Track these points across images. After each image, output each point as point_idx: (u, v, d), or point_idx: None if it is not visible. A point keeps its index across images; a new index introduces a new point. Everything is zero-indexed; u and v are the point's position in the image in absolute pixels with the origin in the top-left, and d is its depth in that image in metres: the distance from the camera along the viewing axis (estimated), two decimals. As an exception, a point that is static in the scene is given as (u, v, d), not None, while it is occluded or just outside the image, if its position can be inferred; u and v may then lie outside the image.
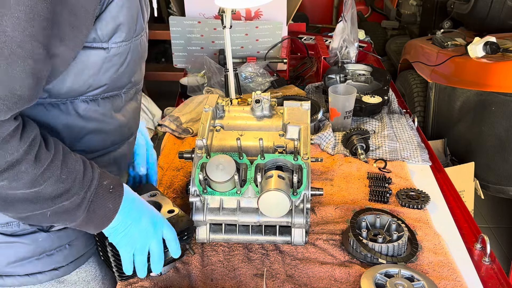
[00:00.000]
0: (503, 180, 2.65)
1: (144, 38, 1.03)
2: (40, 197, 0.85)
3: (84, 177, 0.90)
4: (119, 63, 0.96)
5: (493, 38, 2.62)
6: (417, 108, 3.19)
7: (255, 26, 2.29)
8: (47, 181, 0.84)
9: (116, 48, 0.93)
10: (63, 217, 0.90)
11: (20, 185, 0.82)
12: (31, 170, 0.82)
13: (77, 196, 0.89)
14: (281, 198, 1.05)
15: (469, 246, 1.28)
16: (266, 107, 1.28)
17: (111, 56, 0.93)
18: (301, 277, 1.15)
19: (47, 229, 1.03)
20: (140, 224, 0.99)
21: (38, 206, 0.86)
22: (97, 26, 0.88)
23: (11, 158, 0.79)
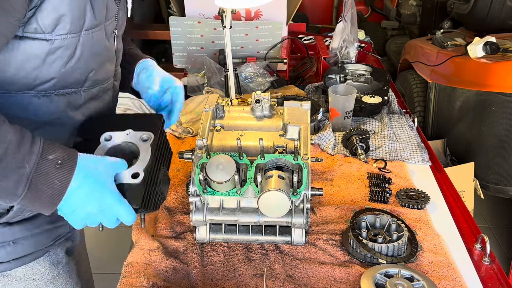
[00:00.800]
0: (503, 180, 2.65)
1: (99, 34, 0.99)
2: None
3: (19, 148, 0.83)
4: (66, 56, 0.94)
5: (493, 38, 2.62)
6: (417, 108, 3.19)
7: (255, 26, 2.29)
8: None
9: (60, 40, 0.90)
10: (2, 195, 0.84)
11: None
12: None
13: (12, 172, 0.82)
14: (281, 198, 1.05)
15: (469, 246, 1.28)
16: (266, 107, 1.28)
17: (55, 48, 0.91)
18: (301, 277, 1.15)
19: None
20: (86, 209, 0.92)
21: None
22: (38, 15, 0.86)
23: None
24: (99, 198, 0.91)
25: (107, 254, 2.68)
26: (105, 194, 0.92)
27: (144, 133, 1.02)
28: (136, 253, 1.21)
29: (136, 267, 1.17)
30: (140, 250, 1.22)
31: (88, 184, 0.90)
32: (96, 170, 0.91)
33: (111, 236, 2.76)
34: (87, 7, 0.93)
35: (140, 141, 1.01)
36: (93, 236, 2.76)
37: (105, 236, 2.71)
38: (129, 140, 1.02)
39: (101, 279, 2.31)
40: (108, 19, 1.02)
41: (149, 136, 1.02)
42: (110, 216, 0.94)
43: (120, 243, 2.66)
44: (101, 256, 2.63)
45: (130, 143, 1.02)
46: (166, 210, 1.37)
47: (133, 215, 0.95)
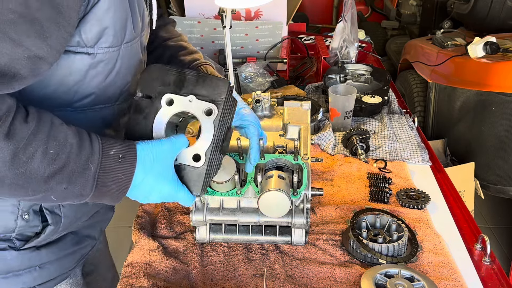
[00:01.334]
0: (503, 180, 2.65)
1: (136, 46, 0.97)
2: (29, 179, 0.76)
3: (80, 151, 0.80)
4: (107, 70, 0.92)
5: (493, 38, 2.62)
6: (417, 108, 3.19)
7: (255, 26, 2.28)
8: (32, 158, 0.75)
9: (102, 54, 0.89)
10: (69, 198, 0.82)
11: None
12: (5, 146, 0.73)
13: (78, 175, 0.80)
14: (281, 198, 1.05)
15: (469, 246, 1.28)
16: (266, 107, 1.28)
17: (96, 62, 0.89)
18: (301, 277, 1.15)
19: (19, 247, 0.99)
20: (148, 199, 0.92)
21: (31, 191, 0.78)
22: (81, 28, 0.84)
23: None
24: (161, 190, 0.90)
25: (107, 254, 2.67)
26: (165, 186, 0.90)
27: (208, 105, 0.93)
28: (136, 253, 1.21)
29: (136, 267, 1.17)
30: (140, 250, 1.21)
31: (150, 178, 0.88)
32: (156, 161, 0.88)
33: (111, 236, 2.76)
34: (128, 18, 0.91)
35: (203, 114, 0.93)
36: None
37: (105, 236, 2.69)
38: (191, 110, 0.94)
39: (101, 279, 2.31)
40: (142, 30, 0.99)
41: (213, 110, 0.93)
42: (170, 200, 0.94)
43: (120, 243, 2.66)
44: (101, 256, 2.62)
45: (192, 115, 0.95)
46: (166, 210, 1.37)
47: (192, 200, 0.94)
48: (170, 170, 0.91)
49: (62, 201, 0.84)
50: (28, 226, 0.98)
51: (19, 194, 0.79)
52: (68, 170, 0.79)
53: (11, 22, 0.71)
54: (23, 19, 0.72)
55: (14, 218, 0.96)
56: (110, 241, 1.54)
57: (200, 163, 0.92)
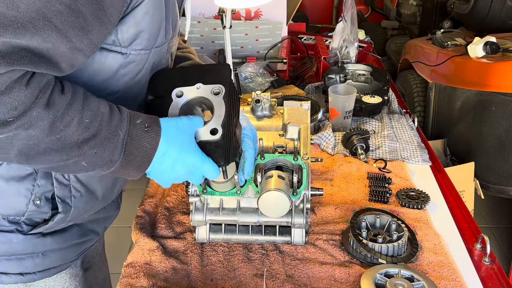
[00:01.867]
0: (503, 180, 2.65)
1: (165, 51, 1.01)
2: (64, 144, 0.81)
3: (111, 118, 0.85)
4: (136, 71, 0.95)
5: (493, 38, 2.62)
6: (417, 108, 3.19)
7: (255, 26, 2.28)
8: (68, 126, 0.80)
9: (134, 55, 0.92)
10: (99, 164, 0.86)
11: (37, 132, 0.77)
12: (45, 115, 0.77)
13: (108, 141, 0.84)
14: (281, 198, 1.05)
15: (469, 246, 1.28)
16: (266, 107, 1.28)
17: (127, 62, 0.92)
18: (301, 277, 1.15)
19: (26, 231, 1.01)
20: (174, 172, 0.94)
21: (65, 155, 0.82)
22: (119, 28, 0.87)
23: (19, 104, 0.75)
24: (185, 160, 0.93)
25: (107, 254, 2.67)
26: (190, 156, 0.93)
27: (215, 86, 1.00)
28: (136, 253, 1.21)
29: (136, 267, 1.17)
30: (140, 250, 1.21)
31: (174, 149, 0.92)
32: (178, 133, 0.92)
33: (111, 236, 2.76)
34: (162, 25, 0.94)
35: (212, 95, 1.00)
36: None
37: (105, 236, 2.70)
38: (200, 94, 1.00)
39: (101, 279, 2.31)
40: (173, 37, 1.03)
41: (221, 89, 1.00)
42: (196, 175, 0.97)
43: (120, 243, 2.66)
44: (101, 256, 2.62)
45: (202, 97, 1.00)
46: (166, 210, 1.37)
47: (218, 171, 0.98)
48: (192, 142, 0.95)
49: (91, 169, 0.87)
50: (38, 211, 1.00)
51: (53, 160, 0.82)
52: (100, 137, 0.84)
53: (58, 12, 0.75)
54: (69, 10, 0.75)
55: (26, 202, 0.98)
56: (110, 241, 1.54)
57: (218, 136, 0.96)
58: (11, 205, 0.98)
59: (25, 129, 0.77)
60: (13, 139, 0.77)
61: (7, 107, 0.74)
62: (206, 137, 0.96)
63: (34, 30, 0.73)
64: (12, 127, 0.76)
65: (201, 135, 0.97)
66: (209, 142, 0.96)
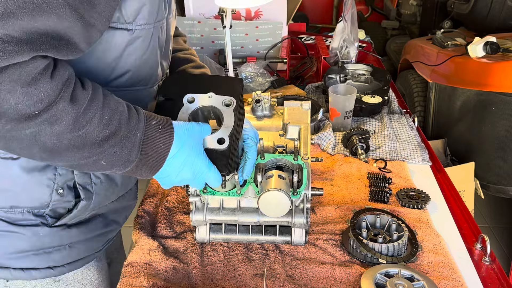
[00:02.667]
0: (503, 180, 2.65)
1: (165, 27, 1.02)
2: (86, 141, 0.82)
3: (129, 118, 0.87)
4: (143, 48, 0.96)
5: (493, 38, 2.62)
6: (417, 108, 3.19)
7: (255, 26, 2.29)
8: (90, 123, 0.81)
9: (139, 30, 0.93)
10: (117, 163, 0.87)
11: (62, 128, 0.78)
12: (70, 109, 0.78)
13: (126, 140, 0.86)
14: (281, 198, 1.05)
15: (469, 246, 1.28)
16: (266, 107, 1.28)
17: (134, 38, 0.93)
18: (301, 277, 1.15)
19: (51, 224, 1.02)
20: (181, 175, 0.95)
21: (87, 152, 0.83)
22: (122, 4, 0.88)
23: (45, 96, 0.75)
24: (193, 164, 0.95)
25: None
26: (198, 161, 0.96)
27: (227, 98, 1.04)
28: (136, 253, 1.21)
29: (136, 267, 1.17)
30: (140, 250, 1.21)
31: (184, 151, 0.93)
32: (189, 137, 0.94)
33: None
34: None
35: (223, 106, 1.03)
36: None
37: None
38: (212, 103, 1.04)
39: (101, 279, 2.31)
40: (169, 13, 1.04)
41: (232, 101, 1.03)
42: (200, 180, 0.99)
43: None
44: (101, 256, 2.63)
45: (212, 106, 1.04)
46: (166, 210, 1.37)
47: (220, 180, 1.01)
48: (201, 147, 0.97)
49: (110, 168, 0.88)
50: (62, 201, 1.01)
51: (74, 157, 0.83)
52: (119, 135, 0.85)
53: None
54: None
55: (49, 192, 0.99)
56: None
57: (225, 145, 0.98)
58: (35, 196, 0.99)
59: (50, 124, 0.77)
60: (38, 134, 0.77)
61: (34, 99, 0.74)
62: (213, 145, 0.99)
63: (49, 9, 0.72)
64: (38, 121, 0.76)
65: (207, 142, 0.99)
66: (215, 150, 0.99)
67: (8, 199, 0.97)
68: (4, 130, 0.75)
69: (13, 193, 0.98)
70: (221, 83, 1.10)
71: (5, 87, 0.71)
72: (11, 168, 0.96)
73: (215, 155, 0.99)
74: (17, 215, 0.98)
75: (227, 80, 1.12)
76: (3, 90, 0.71)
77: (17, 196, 0.98)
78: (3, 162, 0.95)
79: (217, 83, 1.09)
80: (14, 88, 0.72)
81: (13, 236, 0.99)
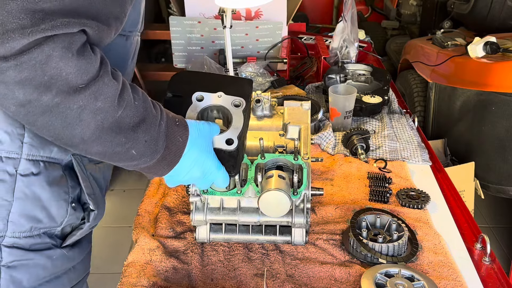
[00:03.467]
0: (503, 180, 2.65)
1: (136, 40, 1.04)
2: (122, 125, 0.81)
3: (153, 107, 0.87)
4: (129, 53, 0.98)
5: (493, 38, 2.62)
6: (417, 108, 3.19)
7: (255, 26, 2.29)
8: (126, 105, 0.81)
9: (132, 36, 0.96)
10: (146, 153, 0.86)
11: (105, 105, 0.78)
12: (112, 84, 0.79)
13: (154, 128, 0.86)
14: (281, 198, 1.05)
15: (469, 246, 1.28)
16: (267, 107, 1.28)
17: (128, 44, 0.96)
18: (301, 277, 1.15)
19: (59, 245, 0.98)
20: (190, 173, 0.95)
21: (123, 138, 0.82)
22: None
23: (91, 68, 0.76)
24: (203, 163, 0.95)
25: (107, 254, 2.68)
26: (208, 160, 0.96)
27: (236, 98, 1.04)
28: (136, 253, 1.21)
29: (136, 267, 1.17)
30: (140, 250, 1.21)
31: (195, 150, 0.93)
32: (200, 136, 0.95)
33: (111, 236, 2.77)
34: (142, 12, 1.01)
35: (232, 106, 1.03)
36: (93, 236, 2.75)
37: (105, 236, 2.72)
38: (221, 103, 1.04)
39: (101, 279, 2.31)
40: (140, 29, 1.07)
41: (241, 102, 1.04)
42: (208, 180, 0.99)
43: (120, 243, 2.66)
44: (101, 256, 2.63)
45: (222, 106, 1.04)
46: (166, 210, 1.37)
47: (228, 181, 1.01)
48: (210, 147, 0.97)
49: (138, 158, 0.87)
50: (74, 216, 0.98)
51: (112, 142, 0.82)
52: (148, 122, 0.85)
53: None
54: None
55: (66, 206, 0.96)
56: (110, 241, 1.54)
57: (233, 146, 0.99)
58: (54, 213, 0.94)
59: (95, 99, 0.77)
60: (82, 112, 0.76)
61: (82, 69, 0.74)
62: (221, 145, 0.99)
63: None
64: (85, 94, 0.75)
65: (216, 142, 0.99)
66: (223, 150, 0.99)
67: (29, 220, 0.91)
68: (53, 103, 0.74)
69: (35, 213, 0.92)
70: (231, 83, 1.09)
71: (57, 53, 0.71)
72: (34, 185, 0.91)
73: (223, 155, 0.99)
74: (35, 239, 0.93)
75: (237, 81, 1.10)
76: (55, 56, 0.71)
77: (38, 214, 0.93)
78: (25, 180, 0.90)
79: (226, 83, 1.08)
80: (66, 55, 0.72)
81: (30, 264, 0.93)
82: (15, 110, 0.75)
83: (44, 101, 0.73)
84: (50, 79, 0.72)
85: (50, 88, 0.73)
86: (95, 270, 1.46)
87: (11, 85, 0.71)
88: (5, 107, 0.75)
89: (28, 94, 0.72)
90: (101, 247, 2.74)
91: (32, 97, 0.73)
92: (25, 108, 0.74)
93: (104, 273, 2.42)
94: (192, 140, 0.93)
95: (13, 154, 0.87)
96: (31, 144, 0.89)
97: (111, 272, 2.34)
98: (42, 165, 0.91)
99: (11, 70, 0.70)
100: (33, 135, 0.89)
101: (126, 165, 0.89)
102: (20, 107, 0.74)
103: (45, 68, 0.71)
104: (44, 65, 0.71)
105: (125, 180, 3.36)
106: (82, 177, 0.98)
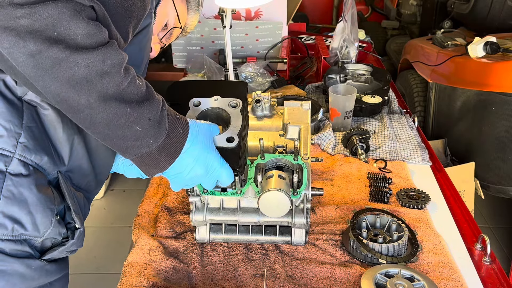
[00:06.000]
0: (503, 180, 2.64)
1: None
2: (126, 97, 0.83)
3: (156, 95, 0.89)
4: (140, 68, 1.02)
5: (493, 38, 2.62)
6: (417, 108, 3.19)
7: (255, 26, 2.29)
8: (129, 79, 0.83)
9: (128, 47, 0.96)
10: (149, 132, 0.87)
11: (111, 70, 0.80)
12: (119, 54, 0.81)
13: (157, 110, 0.87)
14: (281, 198, 1.05)
15: (469, 246, 1.28)
16: (267, 107, 1.28)
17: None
18: (301, 277, 1.15)
19: (39, 256, 0.94)
20: (193, 171, 0.96)
21: (129, 109, 0.83)
22: None
23: (99, 33, 0.79)
24: (206, 160, 0.96)
25: (107, 254, 2.68)
26: (211, 157, 0.97)
27: (233, 99, 1.08)
28: (136, 253, 1.21)
29: (136, 267, 1.17)
30: (140, 250, 1.21)
31: (197, 147, 0.94)
32: (200, 134, 0.96)
33: (111, 236, 2.76)
34: None
35: (229, 107, 1.07)
36: (93, 236, 2.77)
37: (105, 236, 2.72)
38: (218, 106, 1.07)
39: (101, 279, 2.31)
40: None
41: (238, 103, 1.07)
42: (212, 178, 1.00)
43: (120, 243, 2.66)
44: (101, 256, 2.63)
45: (219, 108, 1.07)
46: (166, 210, 1.37)
47: (233, 177, 1.01)
48: (212, 144, 0.99)
49: (142, 137, 0.87)
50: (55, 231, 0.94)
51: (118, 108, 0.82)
52: (152, 103, 0.87)
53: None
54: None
55: (51, 217, 0.92)
56: (110, 241, 1.54)
57: (234, 143, 1.01)
58: (39, 221, 0.91)
59: (102, 62, 0.78)
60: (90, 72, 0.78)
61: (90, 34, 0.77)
62: (222, 144, 1.01)
63: None
64: (93, 54, 0.77)
65: (217, 141, 1.01)
66: (225, 148, 1.01)
67: (13, 222, 0.88)
68: (62, 56, 0.76)
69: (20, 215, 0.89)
70: (226, 86, 1.13)
71: (69, 12, 0.75)
72: (22, 186, 0.88)
73: (225, 153, 1.00)
74: (16, 244, 0.90)
75: (231, 84, 1.16)
76: (67, 14, 0.75)
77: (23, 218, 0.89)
78: (14, 180, 0.87)
79: (221, 87, 1.12)
80: (77, 17, 0.76)
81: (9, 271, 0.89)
82: (24, 61, 0.76)
83: (54, 52, 0.75)
84: (58, 35, 0.75)
85: (59, 42, 0.75)
86: (95, 270, 1.46)
87: (23, 34, 0.73)
88: (14, 58, 0.76)
89: (38, 44, 0.74)
90: (101, 247, 2.74)
91: (42, 47, 0.75)
92: (34, 58, 0.75)
93: (104, 273, 2.42)
94: (192, 136, 0.94)
95: (7, 152, 0.86)
96: (25, 145, 0.88)
97: (111, 272, 2.33)
98: (31, 169, 0.90)
99: (24, 18, 0.73)
100: (29, 137, 0.88)
101: (129, 146, 0.88)
102: (29, 57, 0.75)
103: (56, 23, 0.74)
104: (56, 20, 0.74)
105: (125, 180, 3.35)
106: (68, 194, 0.94)
